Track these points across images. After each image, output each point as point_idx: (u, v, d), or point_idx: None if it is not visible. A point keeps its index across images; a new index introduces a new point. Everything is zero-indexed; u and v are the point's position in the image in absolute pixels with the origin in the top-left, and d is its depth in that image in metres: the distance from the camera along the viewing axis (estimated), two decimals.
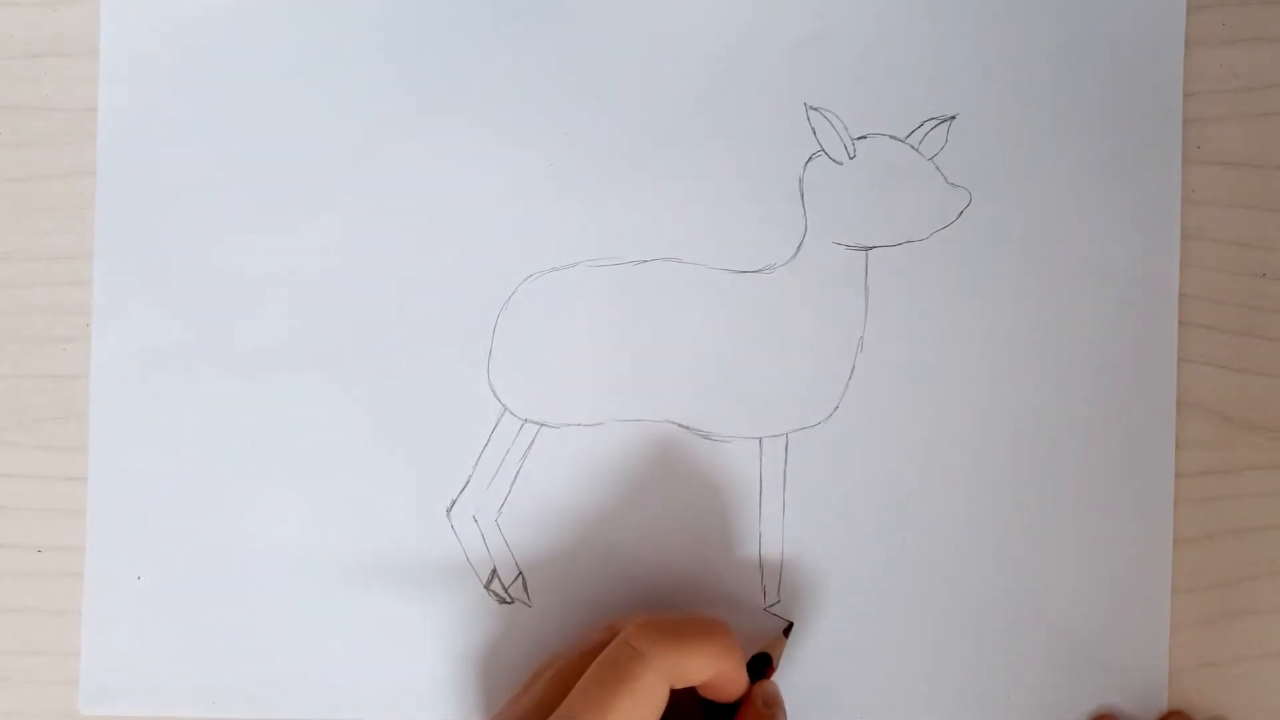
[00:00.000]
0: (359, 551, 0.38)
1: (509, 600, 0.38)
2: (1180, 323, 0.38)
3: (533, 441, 0.38)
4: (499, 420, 0.38)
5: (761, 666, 0.36)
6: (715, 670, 0.33)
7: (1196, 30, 0.38)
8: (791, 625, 0.38)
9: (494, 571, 0.38)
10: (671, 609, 0.38)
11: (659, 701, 0.32)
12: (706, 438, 0.38)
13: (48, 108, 0.39)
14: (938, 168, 0.38)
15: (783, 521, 0.38)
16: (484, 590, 0.38)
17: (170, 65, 0.39)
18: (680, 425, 0.38)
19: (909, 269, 0.38)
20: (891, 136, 0.38)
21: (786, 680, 0.38)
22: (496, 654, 0.38)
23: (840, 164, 0.38)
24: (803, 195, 0.38)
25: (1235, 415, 0.38)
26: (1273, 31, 0.38)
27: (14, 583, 0.39)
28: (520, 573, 0.38)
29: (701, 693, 0.35)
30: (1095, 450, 0.38)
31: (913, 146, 0.38)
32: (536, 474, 0.38)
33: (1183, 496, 0.38)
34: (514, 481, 0.38)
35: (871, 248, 0.38)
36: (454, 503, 0.38)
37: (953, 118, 0.38)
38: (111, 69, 0.39)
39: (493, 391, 0.38)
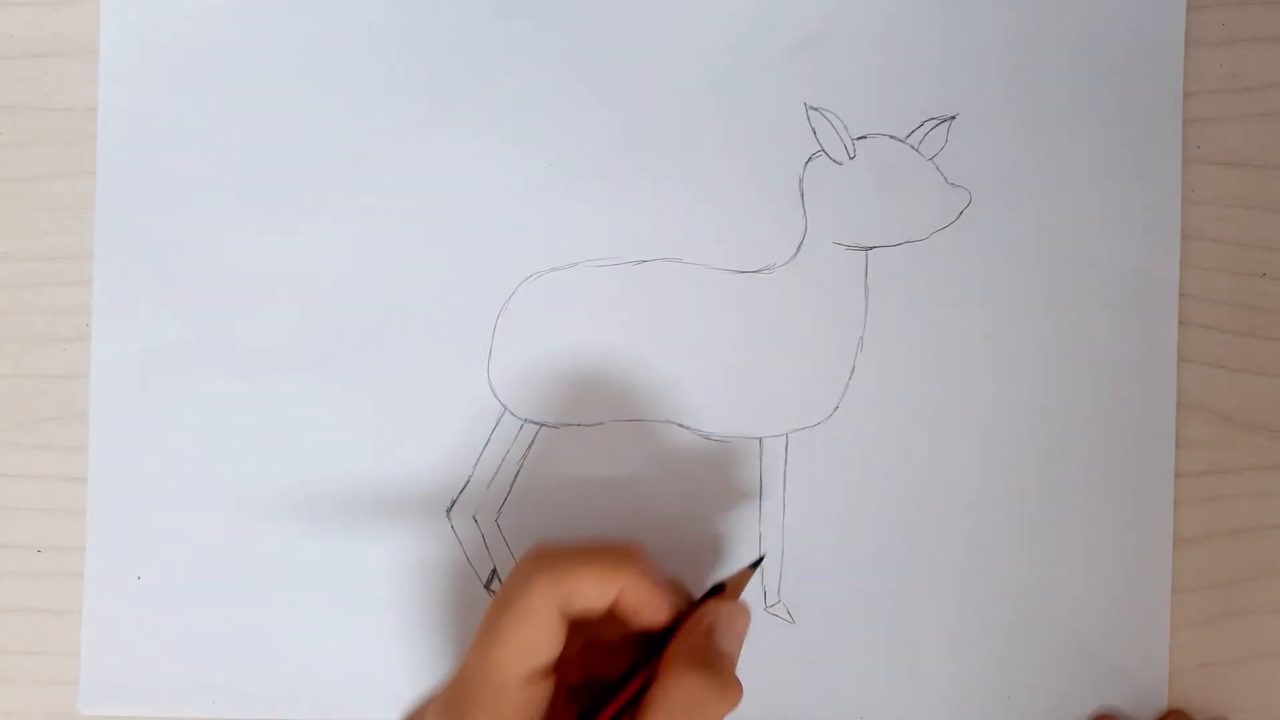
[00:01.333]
0: (359, 552, 0.38)
1: None
2: (1180, 323, 0.38)
3: (533, 441, 0.38)
4: (499, 420, 0.38)
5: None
6: (612, 591, 0.31)
7: (1196, 30, 0.38)
8: (762, 559, 0.36)
9: (494, 571, 0.38)
10: None
11: (549, 625, 0.30)
12: (706, 438, 0.38)
13: (48, 108, 0.39)
14: (938, 168, 0.38)
15: (783, 521, 0.38)
16: (484, 590, 0.38)
17: (170, 65, 0.39)
18: (680, 425, 0.38)
19: (909, 269, 0.38)
20: (891, 136, 0.38)
21: (787, 680, 0.38)
22: None
23: (840, 164, 0.38)
24: (803, 195, 0.38)
25: (1235, 415, 0.38)
26: (1273, 31, 0.38)
27: (14, 583, 0.39)
28: None
29: (624, 621, 0.32)
30: (1096, 450, 0.38)
31: (913, 146, 0.38)
32: (536, 474, 0.38)
33: (1183, 496, 0.38)
34: (514, 481, 0.38)
35: (871, 248, 0.38)
36: (454, 503, 0.38)
37: (953, 118, 0.38)
38: (111, 69, 0.39)
39: (493, 391, 0.38)
